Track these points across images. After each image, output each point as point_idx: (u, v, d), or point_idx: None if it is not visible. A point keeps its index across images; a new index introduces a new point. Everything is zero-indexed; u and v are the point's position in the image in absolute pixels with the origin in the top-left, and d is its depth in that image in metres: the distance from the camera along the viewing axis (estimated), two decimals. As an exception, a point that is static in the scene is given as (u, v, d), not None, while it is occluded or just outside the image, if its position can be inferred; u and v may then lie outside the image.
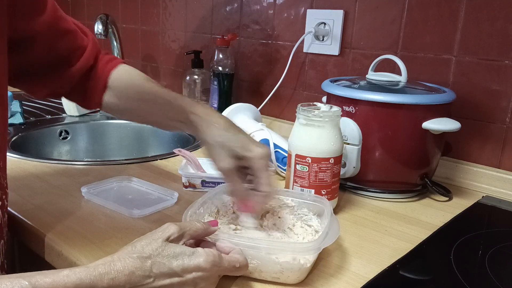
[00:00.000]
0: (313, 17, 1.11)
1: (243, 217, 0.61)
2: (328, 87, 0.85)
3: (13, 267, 0.79)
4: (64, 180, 0.83)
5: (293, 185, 0.72)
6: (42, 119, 1.29)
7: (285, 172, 0.82)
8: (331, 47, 1.09)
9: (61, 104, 1.35)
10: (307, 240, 0.59)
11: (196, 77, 1.32)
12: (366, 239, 0.67)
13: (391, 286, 0.57)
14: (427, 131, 0.77)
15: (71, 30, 0.68)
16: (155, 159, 0.98)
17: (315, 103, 0.75)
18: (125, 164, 0.94)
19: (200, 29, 1.41)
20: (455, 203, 0.83)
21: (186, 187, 0.81)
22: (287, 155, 0.76)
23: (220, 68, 1.25)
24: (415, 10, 0.94)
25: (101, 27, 1.32)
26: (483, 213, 0.80)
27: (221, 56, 1.25)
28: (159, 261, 0.46)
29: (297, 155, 0.71)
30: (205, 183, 0.81)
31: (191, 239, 0.50)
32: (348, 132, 0.79)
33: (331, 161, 0.70)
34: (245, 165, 0.60)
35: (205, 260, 0.47)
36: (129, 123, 1.32)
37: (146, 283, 0.45)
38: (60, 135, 1.25)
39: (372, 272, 0.58)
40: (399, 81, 0.84)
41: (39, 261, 0.65)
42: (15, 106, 1.28)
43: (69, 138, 1.27)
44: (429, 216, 0.76)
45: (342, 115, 0.76)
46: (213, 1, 1.35)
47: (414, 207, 0.80)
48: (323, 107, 0.73)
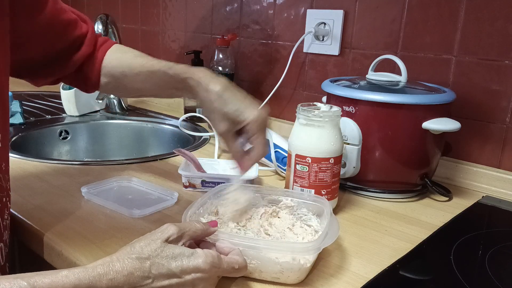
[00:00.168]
0: (313, 17, 1.11)
1: (235, 178, 0.65)
2: (328, 87, 0.85)
3: (13, 267, 0.79)
4: (64, 180, 0.83)
5: (293, 185, 0.72)
6: (42, 119, 1.29)
7: (285, 172, 0.82)
8: (331, 47, 1.09)
9: (61, 104, 1.35)
10: (307, 240, 0.59)
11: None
12: (366, 239, 0.67)
13: (391, 286, 0.57)
14: (427, 131, 0.77)
15: (71, 20, 0.69)
16: (155, 159, 0.98)
17: (315, 103, 0.75)
18: (125, 164, 0.94)
19: (200, 29, 1.41)
20: (455, 203, 0.83)
21: (186, 187, 0.81)
22: (287, 155, 0.76)
23: (220, 68, 1.25)
24: (415, 10, 0.94)
25: (101, 27, 1.32)
26: (483, 213, 0.80)
27: (221, 56, 1.25)
28: (158, 262, 0.46)
29: (297, 155, 0.71)
30: (205, 183, 0.81)
31: (190, 240, 0.50)
32: (348, 132, 0.79)
33: (331, 161, 0.70)
34: (242, 128, 0.63)
35: (204, 261, 0.47)
36: (129, 123, 1.33)
37: (145, 284, 0.45)
38: (60, 135, 1.25)
39: (372, 272, 0.58)
40: (399, 81, 0.84)
41: (39, 261, 0.65)
42: (15, 106, 1.28)
43: (69, 138, 1.27)
44: (429, 216, 0.76)
45: (342, 115, 0.76)
46: (213, 1, 1.35)
47: (414, 207, 0.80)
48: (323, 107, 0.73)
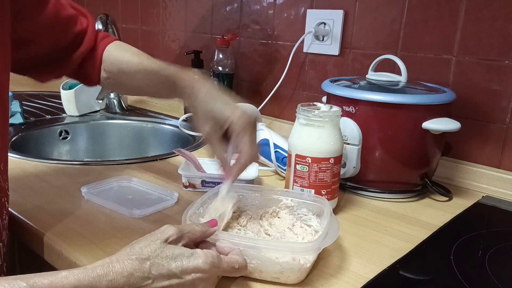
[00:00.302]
0: (313, 17, 1.11)
1: (222, 185, 0.63)
2: (328, 87, 0.85)
3: (13, 267, 0.79)
4: (64, 180, 0.83)
5: (293, 185, 0.72)
6: (42, 119, 1.28)
7: (285, 172, 0.82)
8: (331, 47, 1.09)
9: (61, 104, 1.35)
10: (307, 240, 0.59)
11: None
12: (366, 239, 0.67)
13: (391, 286, 0.57)
14: (427, 131, 0.77)
15: (71, 16, 0.70)
16: (155, 159, 0.98)
17: (315, 103, 0.75)
18: (125, 164, 0.94)
19: (200, 29, 1.41)
20: (455, 203, 0.83)
21: (186, 187, 0.81)
22: (287, 155, 0.76)
23: (220, 68, 1.25)
24: (415, 10, 0.94)
25: (101, 27, 1.32)
26: (483, 213, 0.80)
27: (221, 56, 1.25)
28: (158, 263, 0.46)
29: (297, 155, 0.71)
30: (205, 183, 0.81)
31: (189, 242, 0.50)
32: (348, 132, 0.79)
33: (331, 161, 0.70)
34: (228, 130, 0.62)
35: (204, 261, 0.47)
36: (129, 123, 1.33)
37: (145, 285, 0.45)
38: (60, 135, 1.25)
39: (372, 272, 0.58)
40: (399, 81, 0.84)
41: (39, 261, 0.65)
42: (15, 106, 1.28)
43: (69, 138, 1.27)
44: (429, 216, 0.76)
45: (342, 115, 0.76)
46: (213, 1, 1.35)
47: (414, 207, 0.80)
48: (323, 107, 0.73)
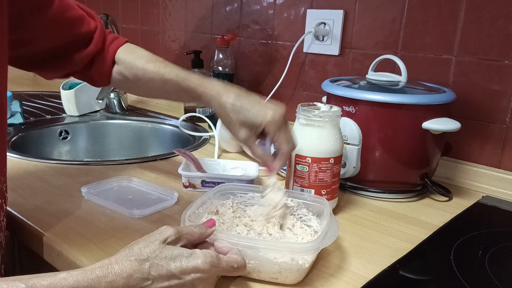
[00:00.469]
0: (313, 17, 1.11)
1: (270, 178, 0.65)
2: (328, 87, 0.85)
3: (13, 267, 0.79)
4: (64, 180, 0.83)
5: (293, 185, 0.72)
6: (42, 119, 1.29)
7: (285, 172, 0.82)
8: (331, 47, 1.09)
9: (61, 104, 1.35)
10: (306, 240, 0.59)
11: (193, 72, 1.32)
12: (366, 239, 0.67)
13: (391, 286, 0.57)
14: (427, 131, 0.77)
15: (78, 17, 0.70)
16: (155, 159, 0.98)
17: (315, 103, 0.75)
18: (125, 164, 0.94)
19: (200, 29, 1.41)
20: (455, 203, 0.83)
21: (186, 187, 0.81)
22: (287, 155, 0.76)
23: (220, 68, 1.25)
24: (415, 10, 0.94)
25: (101, 27, 1.32)
26: (483, 213, 0.80)
27: (221, 56, 1.25)
28: (157, 263, 0.45)
29: (297, 155, 0.70)
30: (205, 183, 0.81)
31: (188, 243, 0.50)
32: (348, 132, 0.79)
33: (331, 161, 0.70)
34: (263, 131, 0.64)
35: (203, 261, 0.47)
36: (129, 123, 1.33)
37: (144, 286, 0.44)
38: (60, 135, 1.25)
39: (372, 272, 0.58)
40: (399, 81, 0.84)
41: (39, 261, 0.65)
42: (15, 106, 1.28)
43: (69, 138, 1.27)
44: (429, 216, 0.76)
45: (342, 115, 0.76)
46: (213, 1, 1.35)
47: (414, 207, 0.80)
48: (323, 107, 0.73)
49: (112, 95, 1.38)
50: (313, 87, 1.15)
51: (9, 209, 0.66)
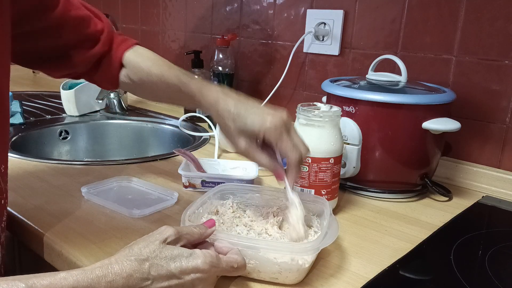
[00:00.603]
0: (313, 17, 1.11)
1: (287, 193, 0.61)
2: (328, 87, 0.85)
3: (13, 267, 0.79)
4: (64, 180, 0.83)
5: (293, 185, 0.72)
6: (42, 119, 1.29)
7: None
8: (331, 47, 1.09)
9: (61, 104, 1.35)
10: (306, 240, 0.59)
11: (196, 77, 1.32)
12: (366, 239, 0.67)
13: (391, 286, 0.57)
14: (427, 131, 0.77)
15: (83, 17, 0.69)
16: (155, 159, 0.98)
17: (315, 103, 0.75)
18: (125, 164, 0.94)
19: (200, 29, 1.41)
20: (455, 203, 0.83)
21: (186, 187, 0.81)
22: (287, 155, 0.76)
23: (220, 68, 1.25)
24: (415, 10, 0.94)
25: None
26: (483, 213, 0.80)
27: (221, 56, 1.25)
28: (157, 263, 0.45)
29: (297, 155, 0.70)
30: (205, 183, 0.81)
31: (187, 243, 0.50)
32: (348, 132, 0.79)
33: (331, 161, 0.70)
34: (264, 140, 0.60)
35: (203, 261, 0.47)
36: (129, 123, 1.33)
37: (144, 286, 0.44)
38: (60, 135, 1.25)
39: (372, 272, 0.58)
40: (399, 81, 0.84)
41: (39, 261, 0.65)
42: (15, 106, 1.28)
43: (69, 138, 1.27)
44: (429, 216, 0.76)
45: (342, 115, 0.76)
46: (213, 1, 1.35)
47: (414, 207, 0.80)
48: (323, 107, 0.73)
49: (112, 95, 1.38)
50: (313, 87, 1.15)
51: (9, 209, 0.66)
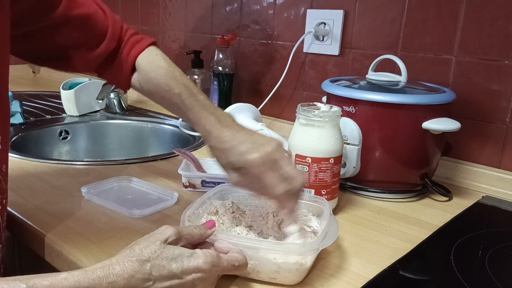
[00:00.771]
0: (313, 17, 1.11)
1: (285, 225, 0.58)
2: (328, 87, 0.85)
3: (13, 267, 0.79)
4: (64, 180, 0.83)
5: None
6: (42, 119, 1.28)
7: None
8: (331, 47, 1.09)
9: (61, 104, 1.35)
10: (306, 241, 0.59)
11: (196, 77, 1.32)
12: (366, 239, 0.67)
13: (391, 286, 0.57)
14: (427, 131, 0.77)
15: (88, 15, 0.67)
16: (155, 159, 0.98)
17: (315, 103, 0.75)
18: (125, 164, 0.94)
19: (200, 29, 1.41)
20: (455, 203, 0.83)
21: (186, 187, 0.81)
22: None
23: (220, 68, 1.25)
24: (415, 10, 0.94)
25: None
26: (483, 213, 0.80)
27: (221, 56, 1.25)
28: (158, 264, 0.45)
29: (297, 155, 0.70)
30: (205, 183, 0.81)
31: (187, 244, 0.50)
32: (348, 132, 0.79)
33: (331, 161, 0.70)
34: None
35: (204, 261, 0.47)
36: (129, 123, 1.33)
37: (145, 286, 0.44)
38: (60, 135, 1.25)
39: (372, 272, 0.58)
40: (399, 81, 0.84)
41: (39, 261, 0.65)
42: (15, 106, 1.28)
43: (69, 138, 1.27)
44: (429, 216, 0.76)
45: (342, 115, 0.76)
46: (213, 1, 1.35)
47: (414, 207, 0.80)
48: (323, 107, 0.73)
49: (112, 95, 1.38)
50: (313, 87, 1.15)
51: (9, 209, 0.66)
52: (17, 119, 1.22)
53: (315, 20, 1.10)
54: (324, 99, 0.91)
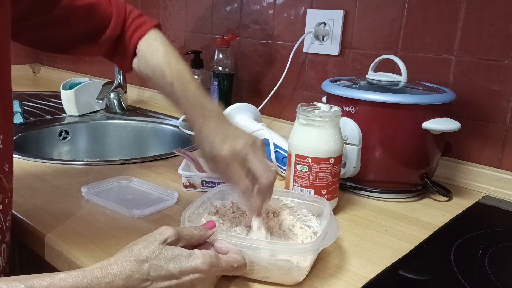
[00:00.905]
0: (313, 17, 1.11)
1: (252, 220, 0.59)
2: (328, 87, 0.85)
3: (13, 267, 0.79)
4: (64, 180, 0.83)
5: (293, 185, 0.72)
6: (42, 119, 1.29)
7: (285, 172, 0.82)
8: (331, 47, 1.09)
9: (61, 104, 1.35)
10: (306, 241, 0.59)
11: (196, 77, 1.32)
12: (366, 239, 0.67)
13: (391, 286, 0.57)
14: (427, 131, 0.77)
15: (93, 4, 0.68)
16: (155, 159, 0.98)
17: (315, 103, 0.75)
18: (125, 164, 0.94)
19: (200, 29, 1.41)
20: (455, 203, 0.83)
21: (186, 187, 0.81)
22: (287, 155, 0.76)
23: (220, 68, 1.25)
24: (415, 10, 0.94)
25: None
26: (483, 213, 0.80)
27: (221, 56, 1.25)
28: (157, 264, 0.45)
29: (297, 155, 0.70)
30: (205, 183, 0.81)
31: (187, 244, 0.50)
32: (348, 132, 0.79)
33: (331, 161, 0.70)
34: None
35: (203, 261, 0.47)
36: (129, 123, 1.33)
37: (143, 286, 0.44)
38: (60, 135, 1.25)
39: (372, 272, 0.58)
40: (399, 81, 0.84)
41: (39, 261, 0.65)
42: (15, 106, 1.28)
43: (69, 138, 1.27)
44: (429, 216, 0.76)
45: (342, 115, 0.76)
46: (213, 1, 1.35)
47: (414, 207, 0.80)
48: (323, 107, 0.73)
49: (112, 95, 1.38)
50: (313, 87, 1.15)
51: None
52: (17, 119, 1.22)
53: (315, 20, 1.10)
54: (324, 99, 0.91)
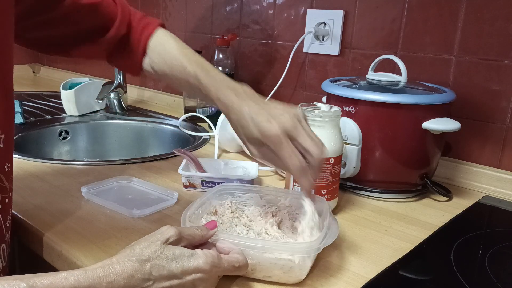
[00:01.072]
0: (313, 17, 1.11)
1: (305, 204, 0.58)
2: (328, 87, 0.85)
3: (13, 267, 0.79)
4: (64, 180, 0.83)
5: (293, 185, 0.72)
6: (42, 119, 1.29)
7: (285, 172, 0.82)
8: (331, 47, 1.09)
9: (61, 104, 1.35)
10: (306, 240, 0.59)
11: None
12: (366, 239, 0.67)
13: (391, 286, 0.57)
14: (427, 131, 0.77)
15: (97, 3, 0.67)
16: (155, 159, 0.98)
17: (315, 103, 0.75)
18: (125, 164, 0.94)
19: (200, 29, 1.41)
20: (455, 203, 0.83)
21: (186, 187, 0.81)
22: (287, 155, 0.75)
23: (220, 68, 1.25)
24: (415, 10, 0.94)
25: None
26: (483, 213, 0.80)
27: (221, 56, 1.25)
28: (158, 264, 0.45)
29: (297, 155, 0.70)
30: (205, 183, 0.81)
31: (188, 244, 0.50)
32: (348, 132, 0.79)
33: (331, 161, 0.70)
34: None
35: (205, 261, 0.47)
36: (129, 123, 1.33)
37: (145, 286, 0.44)
38: (60, 135, 1.25)
39: (372, 272, 0.58)
40: (399, 81, 0.84)
41: (39, 261, 0.65)
42: (15, 106, 1.28)
43: (69, 138, 1.27)
44: (429, 216, 0.76)
45: (342, 115, 0.76)
46: (213, 1, 1.35)
47: (414, 207, 0.80)
48: (323, 107, 0.73)
49: (112, 95, 1.38)
50: (313, 87, 1.15)
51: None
52: (17, 119, 1.22)
53: (315, 20, 1.10)
54: (324, 99, 0.91)
